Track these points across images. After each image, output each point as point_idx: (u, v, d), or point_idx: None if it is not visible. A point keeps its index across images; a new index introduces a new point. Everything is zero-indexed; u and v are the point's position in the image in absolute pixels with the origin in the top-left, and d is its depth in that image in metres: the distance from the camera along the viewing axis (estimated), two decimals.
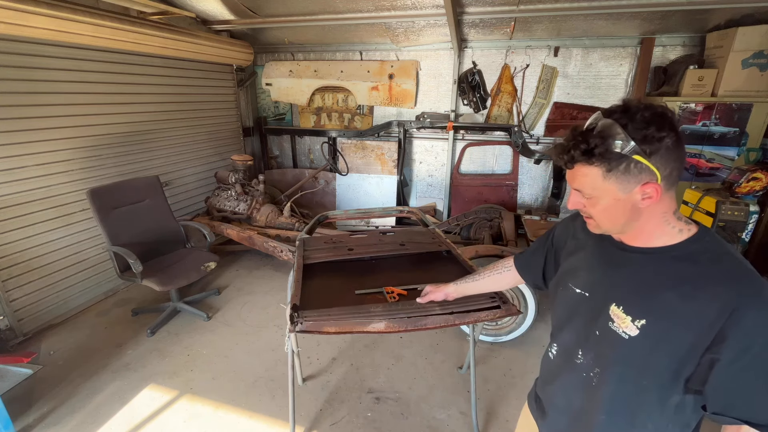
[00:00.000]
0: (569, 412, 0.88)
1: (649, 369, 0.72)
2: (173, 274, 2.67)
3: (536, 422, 1.01)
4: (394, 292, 1.51)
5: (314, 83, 4.44)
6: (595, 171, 0.70)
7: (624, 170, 0.68)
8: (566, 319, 0.89)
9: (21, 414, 2.03)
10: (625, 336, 0.74)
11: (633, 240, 0.78)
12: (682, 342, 0.68)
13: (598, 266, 0.84)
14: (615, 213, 0.74)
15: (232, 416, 2.05)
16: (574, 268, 0.90)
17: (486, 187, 4.29)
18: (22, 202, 2.55)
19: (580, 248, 0.91)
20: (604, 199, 0.73)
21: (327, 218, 2.56)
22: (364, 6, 3.35)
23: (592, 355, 0.81)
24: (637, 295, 0.74)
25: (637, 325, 0.72)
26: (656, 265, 0.74)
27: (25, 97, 2.50)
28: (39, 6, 2.23)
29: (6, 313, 2.49)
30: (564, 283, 0.91)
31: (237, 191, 3.68)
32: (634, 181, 0.69)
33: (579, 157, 0.71)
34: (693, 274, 0.70)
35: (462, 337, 2.70)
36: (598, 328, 0.79)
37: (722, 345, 0.64)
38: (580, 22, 3.36)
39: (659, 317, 0.71)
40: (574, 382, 0.86)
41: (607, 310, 0.77)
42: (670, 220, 0.75)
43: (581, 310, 0.85)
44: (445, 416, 2.07)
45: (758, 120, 3.16)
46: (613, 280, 0.79)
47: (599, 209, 0.75)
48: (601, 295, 0.80)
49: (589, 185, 0.73)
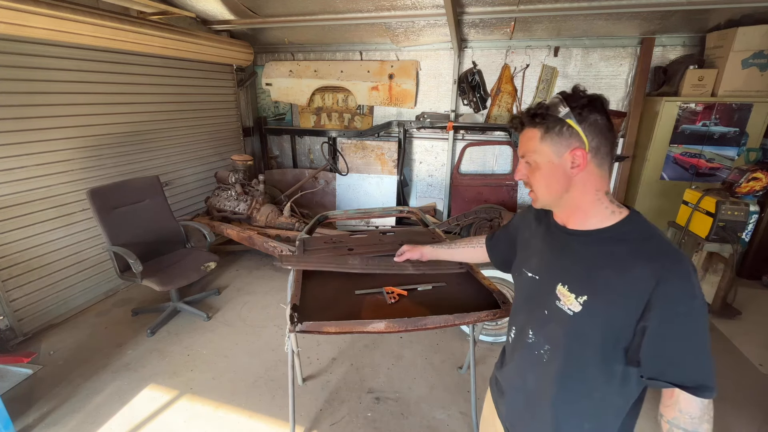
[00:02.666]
0: (525, 390, 0.94)
1: (593, 342, 0.78)
2: (173, 274, 2.67)
3: (495, 404, 1.07)
4: (394, 292, 1.51)
5: (314, 83, 4.44)
6: (536, 133, 0.81)
7: (558, 132, 0.78)
8: (522, 303, 0.97)
9: (21, 414, 2.03)
10: (570, 312, 0.80)
11: (572, 221, 0.86)
12: (618, 314, 0.75)
13: (547, 250, 0.91)
14: (550, 179, 0.82)
15: (232, 416, 2.05)
16: (528, 254, 0.98)
17: (486, 187, 4.29)
18: (22, 202, 2.55)
19: (532, 236, 0.99)
20: (542, 163, 0.82)
21: (327, 218, 2.56)
22: (364, 6, 3.35)
23: (542, 334, 0.88)
24: (579, 273, 0.81)
25: (579, 302, 0.79)
26: (594, 246, 0.82)
27: (25, 97, 2.50)
28: (39, 6, 2.23)
29: (6, 313, 2.49)
30: (520, 269, 0.99)
31: (237, 191, 3.68)
32: (565, 144, 0.78)
33: (525, 119, 0.83)
34: (625, 252, 0.77)
35: (462, 337, 2.70)
36: (547, 307, 0.86)
37: (650, 313, 0.72)
38: (580, 22, 3.36)
39: (598, 292, 0.77)
40: (527, 361, 0.92)
41: (554, 290, 0.84)
42: (603, 200, 0.82)
43: (533, 292, 0.92)
44: (445, 416, 2.07)
45: (758, 120, 3.17)
46: (559, 262, 0.87)
47: (538, 177, 0.84)
48: (548, 276, 0.87)
49: (531, 147, 0.83)
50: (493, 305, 1.40)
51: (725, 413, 2.06)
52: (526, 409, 0.94)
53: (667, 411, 0.76)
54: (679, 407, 0.74)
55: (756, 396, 2.19)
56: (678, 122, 3.33)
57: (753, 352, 2.56)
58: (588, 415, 0.84)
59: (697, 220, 2.82)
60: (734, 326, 2.82)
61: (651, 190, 3.59)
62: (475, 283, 1.60)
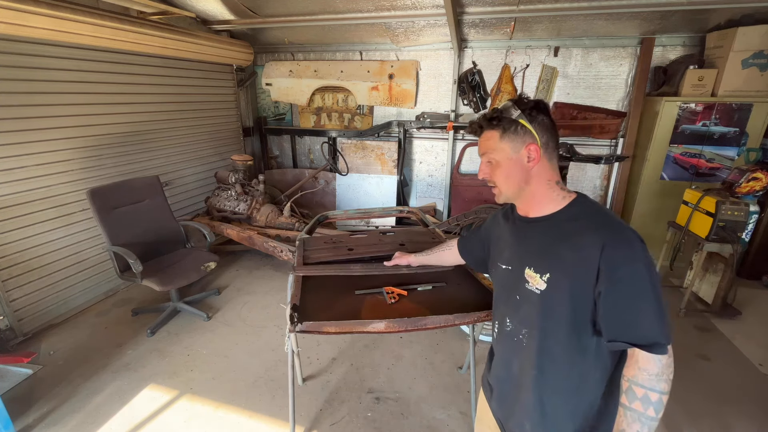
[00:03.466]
0: (510, 379, 0.99)
1: (562, 316, 0.84)
2: (173, 274, 2.67)
3: (488, 403, 1.10)
4: (394, 292, 1.51)
5: (314, 83, 4.44)
6: (495, 134, 0.92)
7: (514, 131, 0.89)
8: (499, 296, 1.04)
9: (21, 414, 2.03)
10: (538, 291, 0.87)
11: (531, 210, 0.95)
12: (578, 285, 0.82)
13: (514, 241, 0.99)
14: (511, 174, 0.92)
15: (232, 416, 2.05)
16: (500, 249, 1.05)
17: (486, 187, 4.24)
18: (22, 202, 2.55)
19: (502, 233, 1.07)
20: (502, 159, 0.92)
21: (327, 218, 2.55)
22: (364, 6, 3.35)
23: (517, 319, 0.95)
24: (541, 254, 0.89)
25: (544, 279, 0.86)
26: (551, 228, 0.90)
27: (25, 97, 2.50)
28: (39, 6, 2.23)
29: (6, 313, 2.49)
30: (495, 264, 1.06)
31: (237, 191, 3.68)
32: (520, 141, 0.89)
33: (484, 122, 0.93)
34: (576, 229, 0.85)
35: (462, 337, 2.70)
36: (518, 292, 0.93)
37: (601, 279, 0.78)
38: (580, 22, 3.36)
39: (558, 268, 0.85)
40: (509, 349, 0.98)
41: (523, 275, 0.91)
42: (555, 188, 0.92)
43: (507, 282, 0.99)
44: (445, 416, 2.07)
45: (758, 120, 3.17)
46: (524, 248, 0.95)
47: (499, 173, 0.93)
48: (517, 264, 0.95)
49: (491, 146, 0.93)
50: None
51: (725, 413, 2.07)
52: (513, 397, 0.97)
53: (628, 370, 0.80)
54: (638, 365, 0.78)
55: (756, 396, 2.19)
56: (678, 122, 3.33)
57: (753, 352, 2.56)
58: (569, 392, 0.88)
59: (697, 220, 2.82)
60: (734, 326, 2.82)
61: (651, 190, 3.59)
62: (475, 283, 1.60)
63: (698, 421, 2.02)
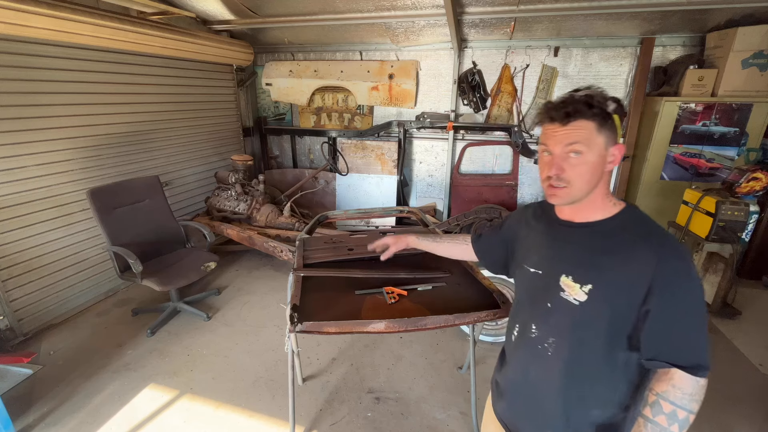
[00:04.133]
0: (527, 385, 0.94)
1: (599, 330, 0.81)
2: (173, 274, 2.67)
3: (494, 406, 1.07)
4: (394, 292, 1.51)
5: (314, 83, 4.44)
6: (591, 124, 0.79)
7: (608, 127, 0.80)
8: (524, 299, 0.98)
9: (21, 414, 2.03)
10: (576, 302, 0.82)
11: (578, 215, 0.88)
12: (622, 300, 0.78)
13: (548, 245, 0.93)
14: (594, 172, 0.81)
15: (232, 416, 2.05)
16: (528, 250, 0.99)
17: (486, 187, 4.29)
18: (22, 202, 2.55)
19: (531, 233, 1.00)
20: (592, 155, 0.80)
21: (327, 218, 2.55)
22: (364, 6, 3.35)
23: (546, 327, 0.89)
24: (584, 263, 0.84)
25: (585, 291, 0.81)
26: (597, 236, 0.84)
27: (26, 97, 2.50)
28: (39, 6, 2.23)
29: (6, 313, 2.49)
30: (520, 266, 1.00)
31: (237, 191, 3.68)
32: (612, 139, 0.81)
33: (582, 108, 0.78)
34: (625, 241, 0.80)
35: (462, 337, 2.70)
36: (550, 300, 0.88)
37: (651, 297, 0.75)
38: (580, 22, 3.36)
39: (602, 280, 0.80)
40: (530, 355, 0.92)
41: (557, 282, 0.86)
42: (609, 194, 0.87)
43: (535, 287, 0.93)
44: (445, 416, 2.07)
45: (758, 120, 3.16)
46: (561, 254, 0.89)
47: (584, 169, 0.81)
48: (551, 269, 0.89)
49: (584, 137, 0.79)
50: (493, 305, 1.40)
51: (725, 413, 2.07)
52: (532, 403, 0.94)
53: (660, 385, 0.78)
54: (672, 382, 0.76)
55: (756, 396, 2.19)
56: (678, 122, 3.33)
57: (753, 352, 2.56)
58: (595, 402, 0.86)
59: (697, 220, 2.82)
60: (734, 326, 2.82)
61: (651, 190, 3.59)
62: (475, 283, 1.60)
63: (698, 421, 2.00)
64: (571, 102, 0.80)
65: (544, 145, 0.85)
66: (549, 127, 0.83)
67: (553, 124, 0.82)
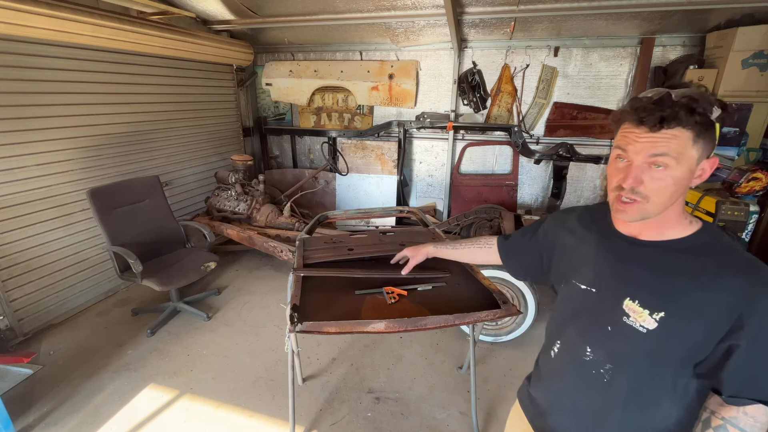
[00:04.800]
0: (577, 410, 0.87)
1: (667, 360, 0.74)
2: (173, 274, 2.67)
3: (530, 422, 1.00)
4: (394, 292, 1.51)
5: (314, 83, 4.44)
6: (687, 134, 0.67)
7: (707, 137, 0.68)
8: (571, 316, 0.89)
9: (21, 414, 2.03)
10: (643, 330, 0.74)
11: (647, 233, 0.78)
12: (699, 331, 0.70)
13: (605, 261, 0.83)
14: (678, 188, 0.71)
15: (232, 416, 2.05)
16: (577, 264, 0.88)
17: (486, 187, 4.29)
18: (22, 202, 2.55)
19: (580, 243, 0.90)
20: (680, 169, 0.69)
21: (327, 218, 2.55)
22: (364, 6, 3.35)
23: (603, 352, 0.81)
24: (654, 287, 0.74)
25: (655, 318, 0.72)
26: (671, 258, 0.74)
27: (25, 97, 2.50)
28: (39, 6, 2.23)
29: (6, 313, 2.49)
30: (567, 279, 0.90)
31: (237, 191, 3.68)
32: (707, 151, 0.69)
33: (682, 115, 0.66)
34: (708, 265, 0.71)
35: (462, 337, 2.70)
36: (611, 324, 0.79)
37: (740, 332, 0.67)
38: (580, 22, 3.36)
39: (677, 308, 0.71)
40: (583, 380, 0.85)
41: (620, 306, 0.77)
42: (685, 210, 0.76)
43: (588, 306, 0.84)
44: (445, 416, 2.07)
45: (758, 120, 3.16)
46: (624, 275, 0.79)
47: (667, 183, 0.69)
48: (610, 290, 0.80)
49: (676, 149, 0.68)
50: (493, 305, 1.40)
51: None
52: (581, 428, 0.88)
53: (728, 410, 0.72)
54: (744, 410, 0.70)
55: None
56: None
57: None
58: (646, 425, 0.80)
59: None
60: None
61: None
62: (475, 283, 1.60)
63: None
64: (669, 104, 0.67)
65: (622, 149, 0.73)
66: (633, 131, 0.71)
67: (639, 128, 0.70)
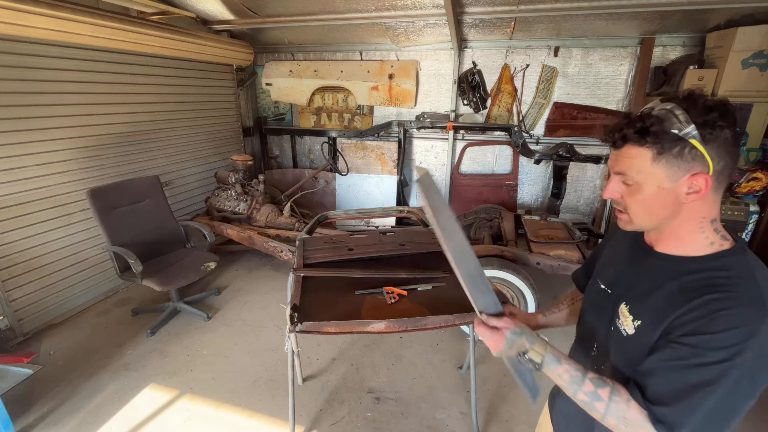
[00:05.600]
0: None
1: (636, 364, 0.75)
2: (173, 274, 2.67)
3: (550, 408, 1.04)
4: (394, 292, 1.51)
5: (314, 83, 4.44)
6: (645, 153, 0.67)
7: (676, 155, 0.65)
8: (588, 312, 0.93)
9: (21, 414, 2.03)
10: (624, 334, 0.77)
11: (662, 244, 0.76)
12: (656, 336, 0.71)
13: (622, 265, 0.85)
14: (654, 205, 0.70)
15: (232, 416, 2.05)
16: (605, 264, 0.92)
17: (486, 187, 4.29)
18: (22, 202, 2.55)
19: (615, 246, 0.92)
20: (647, 187, 0.69)
21: (327, 218, 2.56)
22: (364, 6, 3.35)
23: (603, 350, 0.85)
24: (642, 297, 0.76)
25: (634, 325, 0.75)
26: (670, 272, 0.72)
27: (25, 97, 2.50)
28: (39, 6, 2.23)
29: (6, 313, 2.49)
30: (594, 277, 0.93)
31: (237, 191, 3.68)
32: (684, 168, 0.65)
33: (631, 136, 0.67)
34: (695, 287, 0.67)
35: (462, 337, 2.70)
36: (612, 324, 0.82)
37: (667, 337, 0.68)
38: (580, 22, 3.36)
39: (650, 319, 0.72)
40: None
41: (617, 309, 0.80)
42: (706, 229, 0.70)
43: (601, 305, 0.87)
44: (445, 416, 2.07)
45: (758, 120, 3.16)
46: (629, 280, 0.81)
47: (638, 199, 0.71)
48: (617, 293, 0.83)
49: (634, 168, 0.69)
50: None
51: None
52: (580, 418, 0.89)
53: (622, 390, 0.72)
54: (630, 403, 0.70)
55: None
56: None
57: None
58: None
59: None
60: None
61: None
62: None
63: None
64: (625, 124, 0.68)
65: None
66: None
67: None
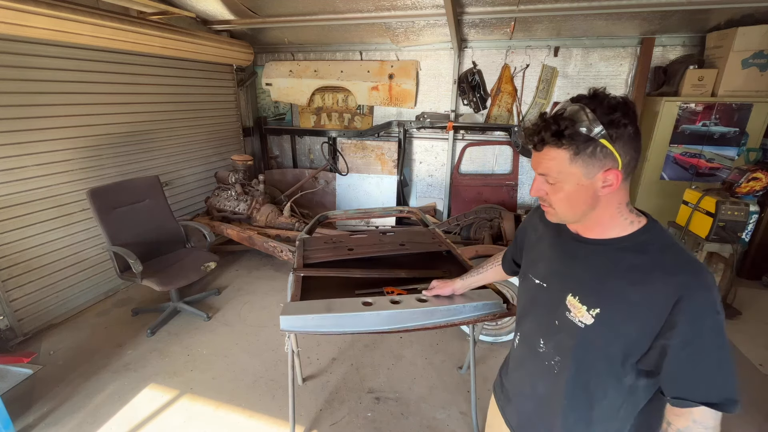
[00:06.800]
0: (534, 398, 0.92)
1: (604, 355, 0.76)
2: (173, 274, 2.67)
3: (500, 410, 1.05)
4: (394, 292, 1.51)
5: (314, 83, 4.44)
6: (563, 154, 0.72)
7: (590, 154, 0.70)
8: (528, 309, 0.94)
9: (21, 414, 2.03)
10: (581, 325, 0.77)
11: (588, 231, 0.81)
12: (632, 328, 0.72)
13: (556, 258, 0.87)
14: (576, 200, 0.76)
15: (232, 416, 2.05)
16: (534, 259, 0.94)
17: (486, 187, 4.29)
18: (22, 202, 2.55)
19: (539, 240, 0.95)
20: (568, 185, 0.74)
21: (327, 218, 2.56)
22: (364, 6, 3.35)
23: (552, 344, 0.85)
24: (592, 284, 0.78)
25: (592, 314, 0.76)
26: (609, 256, 0.77)
27: (26, 97, 2.50)
28: (39, 6, 2.23)
29: (6, 313, 2.49)
30: (525, 273, 0.96)
31: (237, 191, 3.68)
32: (598, 165, 0.71)
33: (549, 139, 0.72)
34: (642, 263, 0.73)
35: (462, 337, 2.70)
36: (557, 318, 0.83)
37: (672, 331, 0.68)
38: (580, 22, 3.36)
39: (612, 305, 0.74)
40: (538, 370, 0.90)
41: (564, 301, 0.81)
42: (623, 212, 0.78)
43: (540, 300, 0.89)
44: (445, 416, 2.07)
45: (758, 120, 3.16)
46: (569, 271, 0.83)
47: (561, 196, 0.76)
48: (558, 285, 0.84)
49: (555, 168, 0.74)
50: None
51: (724, 414, 2.06)
52: (536, 415, 0.93)
53: (679, 420, 0.72)
54: (693, 417, 0.70)
55: (756, 396, 2.19)
56: (678, 122, 3.33)
57: (753, 352, 2.56)
58: (595, 422, 0.83)
59: (697, 220, 2.82)
60: (734, 326, 2.82)
61: (651, 190, 3.59)
62: None
63: None
64: (541, 128, 0.73)
65: None
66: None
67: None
